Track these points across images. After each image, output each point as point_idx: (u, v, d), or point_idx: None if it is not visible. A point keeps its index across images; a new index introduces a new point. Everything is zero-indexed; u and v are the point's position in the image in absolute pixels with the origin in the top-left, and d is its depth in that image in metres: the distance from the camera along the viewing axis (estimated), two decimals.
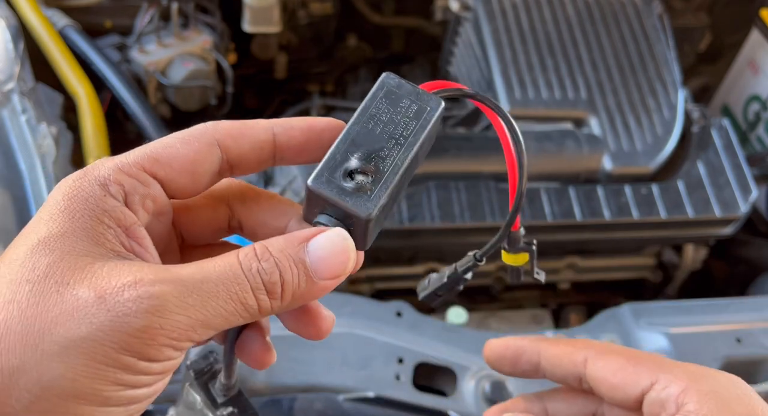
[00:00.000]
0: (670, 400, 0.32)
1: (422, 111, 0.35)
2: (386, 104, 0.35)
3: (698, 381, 0.32)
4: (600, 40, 1.09)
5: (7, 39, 0.89)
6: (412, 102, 0.35)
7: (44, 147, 0.81)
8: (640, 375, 0.34)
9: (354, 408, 0.69)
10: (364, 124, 0.34)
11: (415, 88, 0.36)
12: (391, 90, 0.35)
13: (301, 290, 0.31)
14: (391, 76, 0.36)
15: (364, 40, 1.51)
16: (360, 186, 0.33)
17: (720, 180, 0.99)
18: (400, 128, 0.35)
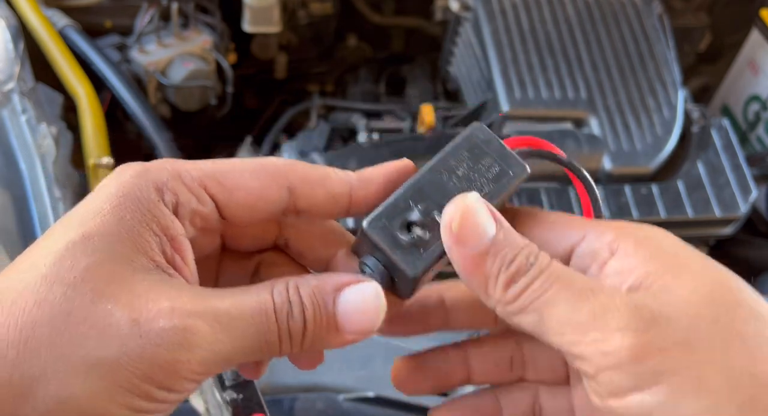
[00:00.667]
0: (602, 248, 0.30)
1: (503, 174, 0.33)
2: (468, 157, 0.33)
3: (631, 230, 0.31)
4: (600, 40, 1.09)
5: (7, 39, 0.89)
6: (496, 162, 0.33)
7: (44, 147, 0.81)
8: (570, 229, 0.32)
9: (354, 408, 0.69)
10: (438, 174, 0.32)
11: (503, 148, 0.33)
12: (477, 144, 0.33)
13: (323, 340, 0.31)
14: (482, 130, 0.33)
15: (364, 40, 1.51)
16: (414, 242, 0.31)
17: (720, 180, 0.99)
18: (475, 186, 0.32)
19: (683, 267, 0.29)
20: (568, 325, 0.28)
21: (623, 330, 0.27)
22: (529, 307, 0.29)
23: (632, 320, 0.27)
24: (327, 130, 1.13)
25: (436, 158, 0.33)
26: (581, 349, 0.28)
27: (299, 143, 1.12)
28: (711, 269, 0.30)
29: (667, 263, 0.29)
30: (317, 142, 1.11)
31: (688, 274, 0.29)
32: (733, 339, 0.27)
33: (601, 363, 0.27)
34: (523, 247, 0.30)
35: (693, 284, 0.28)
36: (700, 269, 0.29)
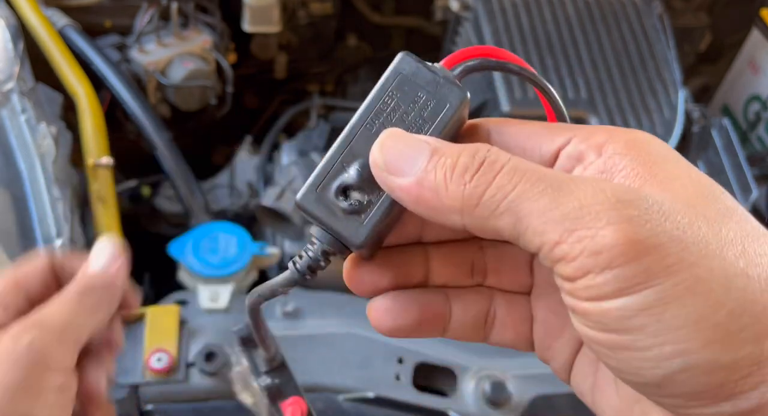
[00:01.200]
0: (589, 149, 0.28)
1: (441, 106, 0.29)
2: (398, 97, 0.29)
3: (621, 133, 0.28)
4: (600, 40, 1.09)
5: (6, 39, 0.89)
6: (430, 95, 0.29)
7: (44, 147, 0.81)
8: (555, 134, 0.29)
9: (354, 408, 0.69)
10: (368, 124, 0.29)
11: (434, 76, 0.29)
12: (406, 78, 0.29)
13: None
14: (408, 60, 0.30)
15: (364, 40, 1.51)
16: (354, 208, 0.28)
17: (720, 180, 0.99)
18: (411, 129, 0.29)
19: (672, 170, 0.27)
20: (550, 222, 0.25)
21: (615, 224, 0.24)
22: (501, 206, 0.25)
23: (625, 212, 0.24)
24: (327, 130, 1.13)
25: (363, 107, 0.29)
26: (565, 249, 0.24)
27: (299, 142, 1.12)
28: (699, 175, 0.28)
29: (655, 165, 0.27)
30: (317, 141, 1.11)
31: (679, 175, 0.27)
32: (727, 238, 0.25)
33: (587, 263, 0.24)
34: (466, 147, 0.27)
35: (685, 184, 0.26)
36: (689, 173, 0.27)
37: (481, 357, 0.75)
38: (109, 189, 0.89)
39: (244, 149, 1.22)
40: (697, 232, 0.25)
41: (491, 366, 0.74)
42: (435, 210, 0.27)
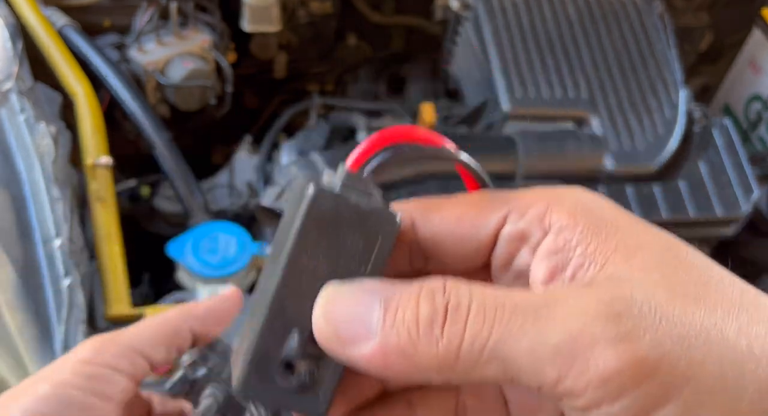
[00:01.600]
0: (531, 226, 0.25)
1: (371, 244, 0.25)
2: (324, 243, 0.24)
3: (557, 197, 0.25)
4: (601, 40, 1.09)
5: (5, 38, 0.89)
6: (357, 232, 0.25)
7: (43, 147, 0.81)
8: (487, 214, 0.26)
9: None
10: (295, 284, 0.24)
11: (357, 208, 0.25)
12: (325, 220, 0.25)
13: None
14: (322, 196, 0.25)
15: (364, 40, 1.51)
16: (304, 381, 0.24)
17: (721, 180, 0.99)
18: (347, 274, 0.25)
19: (630, 240, 0.24)
20: (542, 360, 0.22)
21: (614, 346, 0.22)
22: (483, 355, 0.22)
23: (619, 330, 0.22)
24: (327, 129, 1.13)
25: (284, 261, 0.24)
26: (569, 385, 0.22)
27: (299, 142, 1.11)
28: (657, 237, 0.25)
29: (610, 236, 0.24)
30: (317, 141, 1.10)
31: (638, 247, 0.24)
32: (722, 316, 0.23)
33: (598, 395, 0.22)
34: (420, 290, 0.23)
35: (648, 261, 0.24)
36: (647, 239, 0.25)
37: None
38: (109, 189, 0.89)
39: (243, 148, 1.21)
40: (693, 321, 0.22)
41: None
42: (407, 374, 0.23)
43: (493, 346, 0.22)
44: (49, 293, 0.71)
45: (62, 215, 0.76)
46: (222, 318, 0.39)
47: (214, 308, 0.39)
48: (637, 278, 0.23)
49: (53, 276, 0.72)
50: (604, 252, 0.24)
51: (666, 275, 0.23)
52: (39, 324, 0.69)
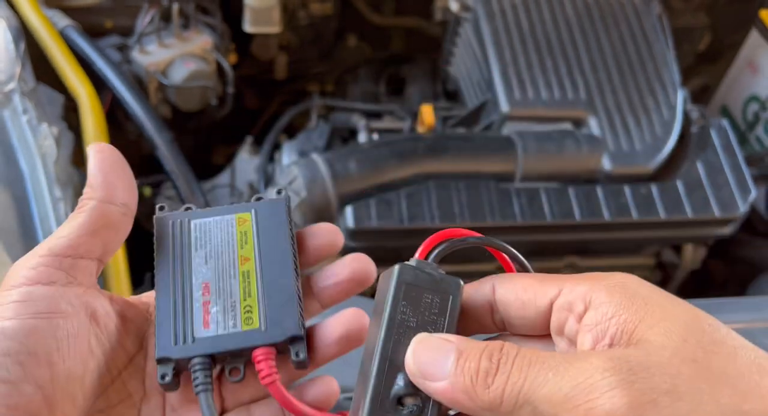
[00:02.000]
0: (576, 300, 0.31)
1: (445, 300, 0.33)
2: (409, 306, 0.33)
3: (602, 280, 0.32)
4: (599, 41, 1.09)
5: (8, 39, 0.89)
6: (434, 294, 0.33)
7: (45, 147, 0.82)
8: (547, 287, 0.33)
9: None
10: (396, 336, 0.32)
11: (431, 276, 0.34)
12: (409, 288, 0.33)
13: None
14: (406, 270, 0.33)
15: (364, 41, 1.51)
16: (413, 412, 0.32)
17: (719, 180, 0.99)
18: (431, 328, 0.33)
19: (656, 312, 0.30)
20: (557, 405, 0.28)
21: (611, 390, 0.27)
22: (518, 400, 0.29)
23: (615, 378, 0.27)
24: (327, 130, 1.13)
25: (385, 323, 0.32)
26: None
27: (299, 143, 1.12)
28: (683, 310, 0.30)
29: (640, 308, 0.30)
30: (317, 142, 1.11)
31: (662, 318, 0.29)
32: (717, 378, 0.27)
33: None
34: (484, 348, 0.30)
35: (668, 329, 0.29)
36: (673, 311, 0.30)
37: None
38: None
39: (244, 149, 1.22)
40: (687, 377, 0.27)
41: None
42: (469, 409, 0.30)
43: (525, 393, 0.29)
44: None
45: (64, 215, 0.77)
46: (112, 168, 0.38)
47: (101, 171, 0.38)
48: (653, 342, 0.28)
49: None
50: (634, 322, 0.29)
51: (676, 341, 0.28)
52: None
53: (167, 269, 0.38)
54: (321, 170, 0.92)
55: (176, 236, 0.39)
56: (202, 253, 0.39)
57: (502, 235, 0.94)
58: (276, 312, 0.37)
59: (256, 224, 0.40)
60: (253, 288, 0.38)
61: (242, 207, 0.40)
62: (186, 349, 0.36)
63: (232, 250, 0.39)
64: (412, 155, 0.95)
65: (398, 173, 0.94)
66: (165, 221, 0.40)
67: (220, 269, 0.38)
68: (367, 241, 0.93)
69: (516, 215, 0.93)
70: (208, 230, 0.40)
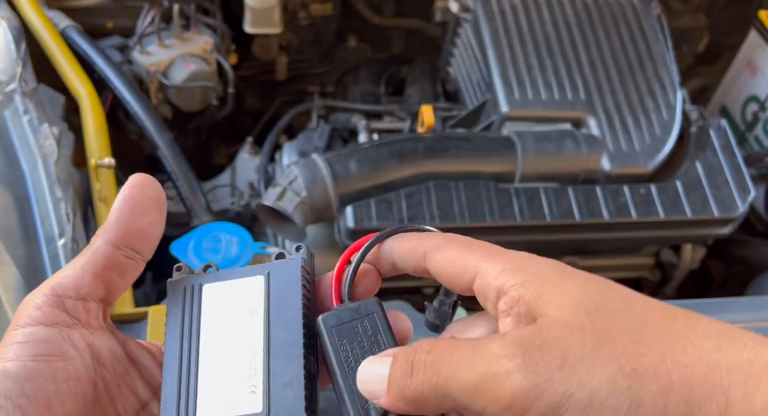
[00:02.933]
0: (490, 288, 0.33)
1: (373, 320, 0.36)
2: (348, 341, 0.35)
3: (507, 261, 0.33)
4: (599, 41, 1.10)
5: (9, 40, 0.90)
6: (360, 320, 0.36)
7: (46, 147, 0.82)
8: (465, 269, 0.34)
9: None
10: (350, 371, 0.35)
11: (349, 309, 0.36)
12: (339, 327, 0.36)
13: None
14: (327, 319, 0.36)
15: (364, 42, 1.52)
16: None
17: (718, 180, 0.99)
18: (375, 348, 0.35)
19: (552, 288, 0.31)
20: (470, 394, 0.29)
21: (510, 376, 0.28)
22: (437, 395, 0.30)
23: (512, 363, 0.28)
24: (327, 130, 1.14)
25: (336, 366, 0.35)
26: (492, 412, 0.29)
27: (300, 143, 1.12)
28: (576, 282, 0.31)
29: (538, 286, 0.31)
30: (318, 142, 1.11)
31: (557, 293, 0.30)
32: (604, 342, 0.28)
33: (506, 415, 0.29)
34: (409, 349, 0.32)
35: (560, 303, 0.30)
36: (566, 285, 0.31)
37: None
38: (111, 189, 0.90)
39: (245, 149, 1.22)
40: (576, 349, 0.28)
41: None
42: (416, 411, 0.32)
43: (441, 387, 0.30)
44: None
45: (65, 216, 0.77)
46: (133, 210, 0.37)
47: (119, 211, 0.36)
48: (547, 318, 0.30)
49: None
50: (534, 300, 0.31)
51: (570, 313, 0.30)
52: None
53: (176, 342, 0.37)
54: (321, 171, 0.92)
55: (187, 302, 0.38)
56: (211, 322, 0.37)
57: (501, 235, 0.94)
58: (281, 393, 0.35)
59: (268, 291, 0.38)
60: (258, 366, 0.36)
61: (255, 270, 0.38)
62: None
63: (242, 321, 0.37)
64: (412, 155, 0.95)
65: (398, 173, 0.95)
66: (178, 286, 0.39)
67: (227, 342, 0.37)
68: None
69: (515, 215, 0.93)
70: (220, 296, 0.38)
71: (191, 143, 1.31)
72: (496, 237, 0.94)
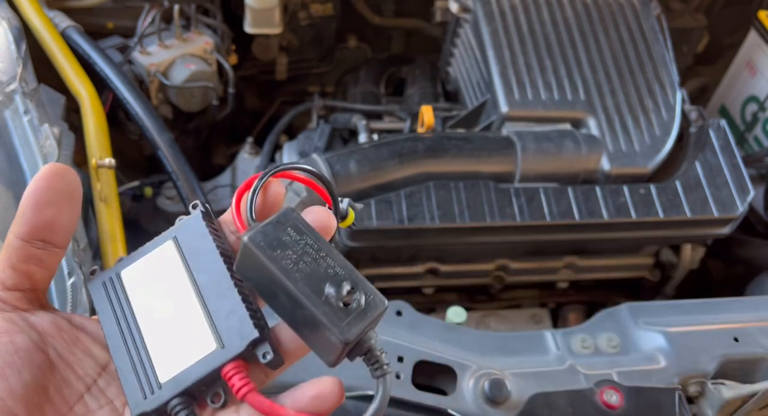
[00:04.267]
0: None
1: (297, 227, 0.37)
2: (282, 251, 0.36)
3: None
4: (598, 42, 1.10)
5: (9, 40, 0.90)
6: (285, 230, 0.36)
7: (47, 148, 0.82)
8: None
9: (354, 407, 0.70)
10: (297, 274, 0.36)
11: (269, 224, 0.37)
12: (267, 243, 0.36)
13: None
14: (254, 237, 0.36)
15: (364, 42, 1.52)
16: (358, 300, 0.37)
17: (717, 180, 1.00)
18: (310, 249, 0.37)
19: None
20: None
21: None
22: None
23: None
24: (327, 130, 1.14)
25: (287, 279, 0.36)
26: None
27: (300, 143, 1.12)
28: None
29: None
30: (318, 142, 1.11)
31: None
32: None
33: None
34: None
35: None
36: None
37: (481, 356, 0.76)
38: (112, 189, 0.90)
39: (245, 149, 1.22)
40: None
41: (490, 365, 0.74)
42: None
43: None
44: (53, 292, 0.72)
45: None
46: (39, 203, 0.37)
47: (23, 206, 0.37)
48: None
49: (57, 276, 0.73)
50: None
51: None
52: None
53: (113, 327, 0.38)
54: (321, 171, 0.92)
55: (110, 293, 0.39)
56: (140, 299, 0.39)
57: (501, 235, 0.94)
58: (227, 324, 0.37)
59: (180, 250, 0.39)
60: (200, 313, 0.37)
61: (162, 238, 0.40)
62: (157, 398, 0.36)
63: (167, 285, 0.38)
64: (412, 155, 0.96)
65: (398, 173, 0.95)
66: (96, 284, 0.40)
67: (162, 307, 0.38)
68: (367, 241, 0.93)
69: (515, 215, 0.93)
70: (139, 274, 0.39)
71: (191, 143, 1.31)
72: (496, 237, 0.94)
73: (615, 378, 0.74)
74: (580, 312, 1.13)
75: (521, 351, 0.78)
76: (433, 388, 0.74)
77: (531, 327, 1.09)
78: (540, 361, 0.77)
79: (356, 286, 0.36)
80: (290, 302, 0.36)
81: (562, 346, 0.78)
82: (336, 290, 0.36)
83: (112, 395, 0.37)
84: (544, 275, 1.08)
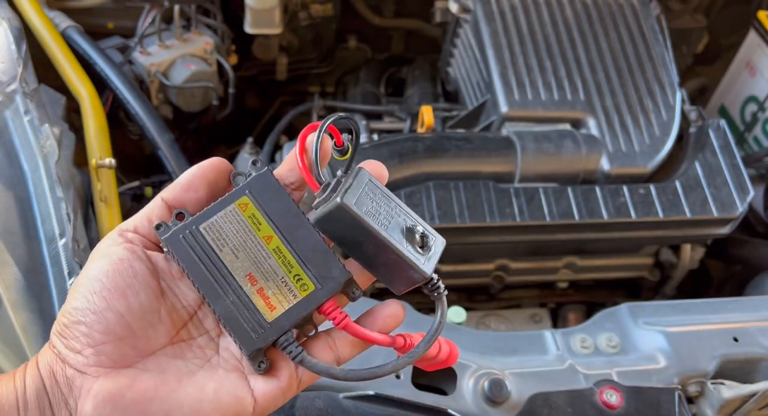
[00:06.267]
0: None
1: (374, 187, 0.42)
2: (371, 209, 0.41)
3: None
4: (598, 42, 1.10)
5: (10, 40, 0.90)
6: (366, 191, 0.42)
7: (47, 148, 0.82)
8: None
9: (354, 406, 0.70)
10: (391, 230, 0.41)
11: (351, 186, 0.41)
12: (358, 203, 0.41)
13: None
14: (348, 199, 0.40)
15: (364, 42, 1.52)
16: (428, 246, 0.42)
17: (717, 180, 1.00)
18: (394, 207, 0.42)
19: None
20: None
21: None
22: None
23: None
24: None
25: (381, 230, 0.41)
26: None
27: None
28: None
29: None
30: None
31: None
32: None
33: None
34: None
35: None
36: None
37: (481, 356, 0.76)
38: (112, 189, 0.90)
39: (245, 149, 1.22)
40: None
41: (490, 365, 0.75)
42: None
43: None
44: (54, 292, 0.72)
45: (66, 215, 0.77)
46: (193, 185, 0.44)
47: (184, 179, 0.44)
48: None
49: (57, 276, 0.73)
50: None
51: None
52: (43, 322, 0.70)
53: (206, 279, 0.41)
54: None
55: (195, 247, 0.41)
56: (227, 250, 0.41)
57: (501, 235, 0.94)
58: (321, 268, 0.42)
59: (258, 203, 0.42)
60: (290, 259, 0.42)
61: (236, 194, 0.43)
62: (267, 335, 0.41)
63: (252, 236, 0.42)
64: (411, 155, 0.96)
65: (398, 174, 0.95)
66: (174, 238, 0.42)
67: (253, 256, 0.42)
68: None
69: (515, 215, 0.94)
70: (219, 227, 0.42)
71: (192, 143, 1.31)
72: (496, 237, 0.94)
73: (615, 378, 0.74)
74: (579, 311, 1.13)
75: (521, 350, 0.78)
76: (433, 388, 0.74)
77: (531, 326, 1.09)
78: (540, 361, 0.77)
79: (425, 231, 0.42)
80: (376, 248, 0.41)
81: (562, 346, 0.78)
82: (413, 236, 0.41)
83: (209, 326, 0.43)
84: (544, 275, 1.08)
